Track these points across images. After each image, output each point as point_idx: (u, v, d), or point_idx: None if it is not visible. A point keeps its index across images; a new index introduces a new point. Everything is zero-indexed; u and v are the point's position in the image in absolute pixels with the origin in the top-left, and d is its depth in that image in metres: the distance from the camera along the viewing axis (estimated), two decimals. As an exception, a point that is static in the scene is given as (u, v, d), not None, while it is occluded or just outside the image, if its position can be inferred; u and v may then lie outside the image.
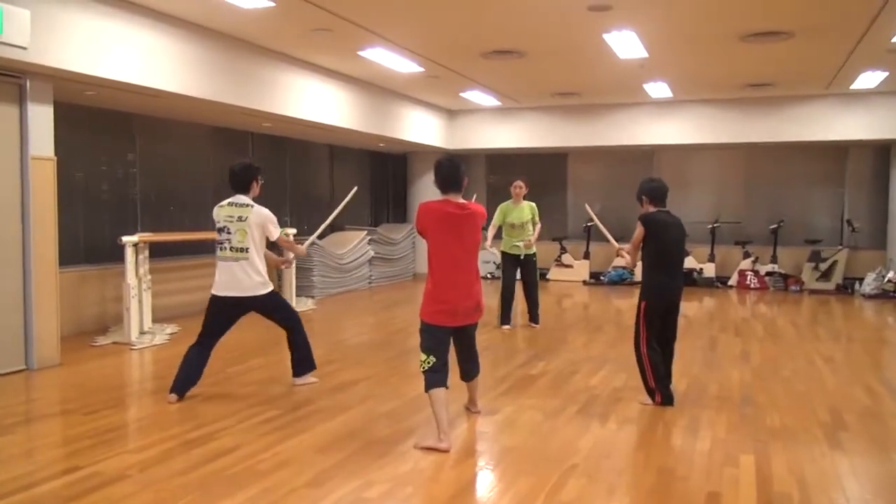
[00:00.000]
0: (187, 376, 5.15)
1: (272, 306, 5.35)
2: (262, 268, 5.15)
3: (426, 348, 4.26)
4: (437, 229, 4.22)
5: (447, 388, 4.25)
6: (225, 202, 5.14)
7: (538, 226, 8.10)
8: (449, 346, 4.35)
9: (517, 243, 7.93)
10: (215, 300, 5.20)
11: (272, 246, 5.40)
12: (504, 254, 8.13)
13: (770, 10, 6.67)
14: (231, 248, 5.06)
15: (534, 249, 8.10)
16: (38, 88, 5.98)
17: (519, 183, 8.13)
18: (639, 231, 5.13)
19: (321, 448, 4.12)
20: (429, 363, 4.23)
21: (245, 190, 5.13)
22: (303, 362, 5.55)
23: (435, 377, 4.21)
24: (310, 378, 5.60)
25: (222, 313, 5.24)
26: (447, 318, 4.25)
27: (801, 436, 4.44)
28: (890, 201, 11.97)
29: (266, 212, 5.11)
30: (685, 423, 4.68)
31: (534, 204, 8.14)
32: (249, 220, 5.03)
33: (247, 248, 5.03)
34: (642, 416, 4.83)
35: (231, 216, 5.06)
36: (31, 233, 5.97)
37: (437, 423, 4.17)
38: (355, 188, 6.46)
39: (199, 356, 5.22)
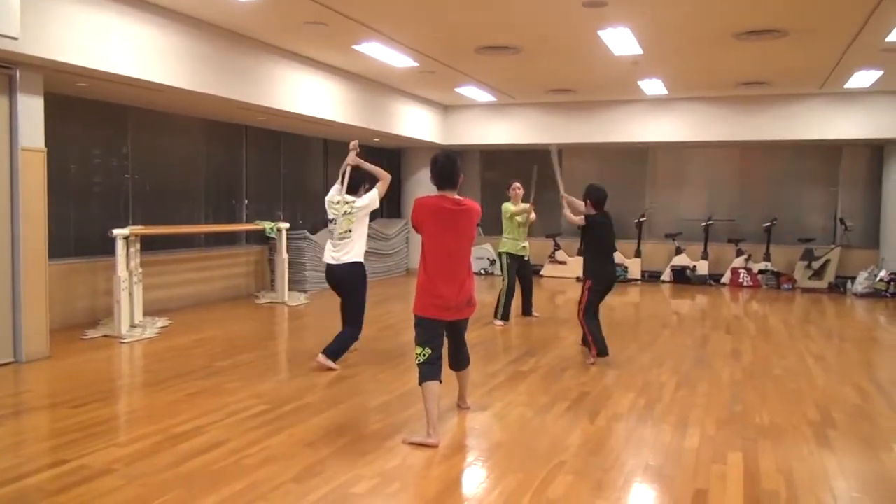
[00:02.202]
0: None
1: (355, 284, 6.05)
2: (362, 249, 6.04)
3: (422, 342, 4.28)
4: (433, 224, 4.26)
5: (440, 381, 4.27)
6: (337, 199, 6.03)
7: (530, 211, 8.29)
8: (443, 338, 4.38)
9: (524, 244, 8.28)
10: (327, 267, 6.09)
11: None
12: (510, 255, 8.27)
13: (764, 9, 6.66)
14: (342, 231, 5.96)
15: (529, 251, 8.41)
16: (28, 79, 5.94)
17: (517, 184, 8.34)
18: (584, 222, 6.39)
19: (309, 443, 4.11)
20: (424, 356, 4.24)
21: (355, 190, 6.04)
22: (336, 350, 6.02)
23: (430, 370, 4.24)
24: (332, 363, 5.94)
25: (337, 280, 6.07)
26: (440, 312, 4.27)
27: (790, 434, 4.45)
28: (883, 200, 11.98)
29: (372, 195, 6.01)
30: (674, 420, 4.68)
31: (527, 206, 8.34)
32: (357, 204, 5.98)
33: (351, 230, 5.96)
34: (631, 413, 4.83)
35: (339, 211, 5.99)
36: (21, 225, 5.93)
37: (428, 418, 4.19)
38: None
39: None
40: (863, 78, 9.80)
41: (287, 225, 9.95)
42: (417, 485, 3.61)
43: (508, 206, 8.32)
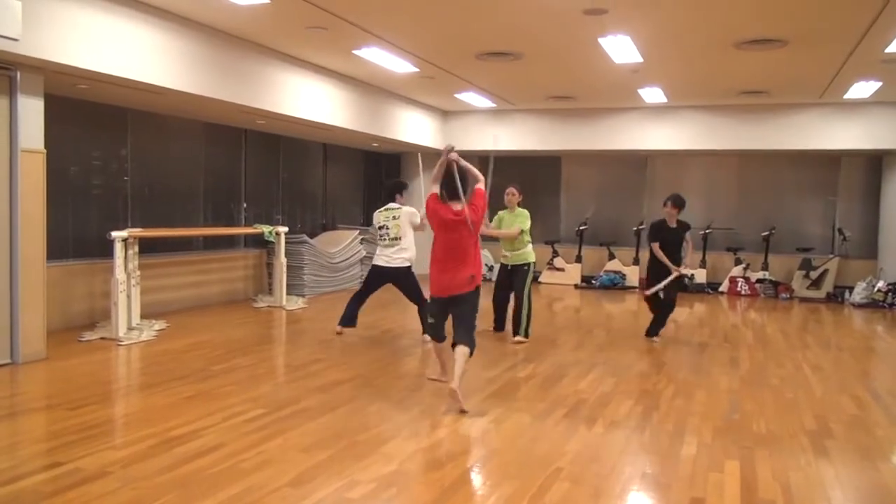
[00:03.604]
0: (350, 313, 7.51)
1: (407, 281, 7.23)
2: (410, 252, 7.22)
3: (430, 313, 5.35)
4: (437, 226, 5.17)
5: (442, 341, 5.33)
6: (382, 208, 7.30)
7: (514, 228, 7.59)
8: (446, 315, 5.22)
9: (506, 253, 7.76)
10: (374, 268, 7.36)
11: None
12: (501, 264, 8.00)
13: (765, 18, 6.68)
14: (389, 239, 7.19)
15: (524, 259, 7.66)
16: (28, 81, 5.94)
17: (511, 190, 7.78)
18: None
19: (305, 448, 4.10)
20: (429, 321, 5.40)
21: (393, 199, 7.33)
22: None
23: (433, 332, 5.34)
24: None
25: (379, 277, 7.33)
26: (440, 291, 5.15)
27: (787, 443, 4.45)
28: (881, 211, 12.01)
29: (411, 209, 7.24)
30: (671, 428, 4.68)
31: (526, 212, 7.72)
32: (401, 217, 7.18)
33: (400, 238, 7.15)
34: (629, 420, 4.82)
35: (388, 217, 7.20)
36: (19, 226, 5.92)
37: (440, 364, 5.48)
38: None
39: (357, 301, 7.55)
40: (862, 89, 9.83)
41: (286, 229, 9.94)
42: (413, 490, 3.60)
43: (501, 216, 7.87)
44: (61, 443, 4.11)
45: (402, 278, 7.21)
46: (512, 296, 7.77)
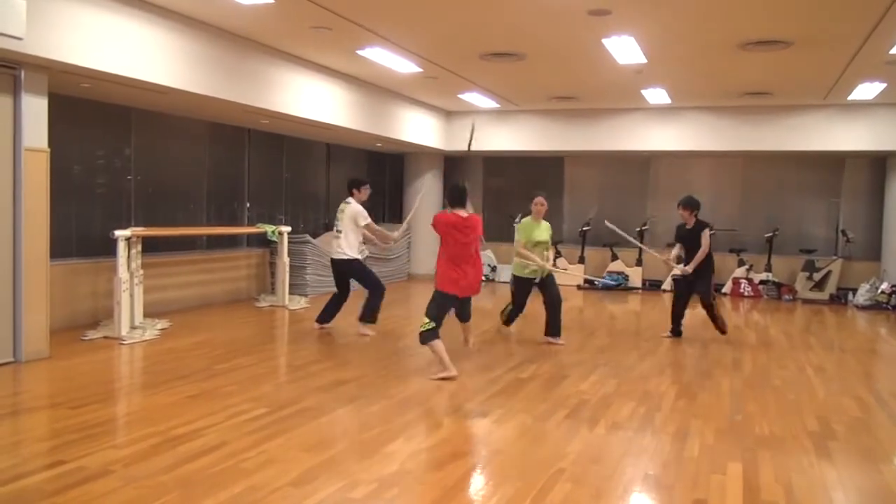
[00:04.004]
0: (328, 311, 7.81)
1: (349, 271, 7.59)
2: (349, 246, 7.48)
3: (432, 316, 5.70)
4: (449, 232, 5.81)
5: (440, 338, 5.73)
6: (343, 202, 7.65)
7: (548, 252, 7.61)
8: (450, 311, 5.93)
9: (533, 266, 7.36)
10: (330, 261, 7.76)
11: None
12: (518, 278, 7.52)
13: (769, 20, 6.67)
14: (336, 231, 7.62)
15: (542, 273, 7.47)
16: (32, 79, 5.94)
17: (541, 200, 7.49)
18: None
19: (307, 447, 4.11)
20: (428, 328, 5.68)
21: (350, 194, 7.62)
22: (367, 314, 7.57)
23: (431, 335, 5.70)
24: (368, 330, 7.53)
25: (332, 268, 7.74)
26: (459, 291, 5.85)
27: (790, 444, 4.44)
28: (885, 212, 11.99)
29: (357, 209, 7.48)
30: (674, 429, 4.67)
31: (549, 225, 7.60)
32: (345, 213, 7.50)
33: (341, 231, 7.51)
34: (631, 422, 4.82)
35: (341, 210, 7.58)
36: (23, 225, 5.93)
37: (441, 360, 5.72)
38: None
39: (337, 299, 7.81)
40: (866, 90, 9.81)
41: (289, 228, 9.96)
42: (415, 490, 3.60)
43: (528, 226, 7.42)
44: (63, 441, 4.12)
45: (342, 269, 7.58)
46: (521, 301, 7.72)
